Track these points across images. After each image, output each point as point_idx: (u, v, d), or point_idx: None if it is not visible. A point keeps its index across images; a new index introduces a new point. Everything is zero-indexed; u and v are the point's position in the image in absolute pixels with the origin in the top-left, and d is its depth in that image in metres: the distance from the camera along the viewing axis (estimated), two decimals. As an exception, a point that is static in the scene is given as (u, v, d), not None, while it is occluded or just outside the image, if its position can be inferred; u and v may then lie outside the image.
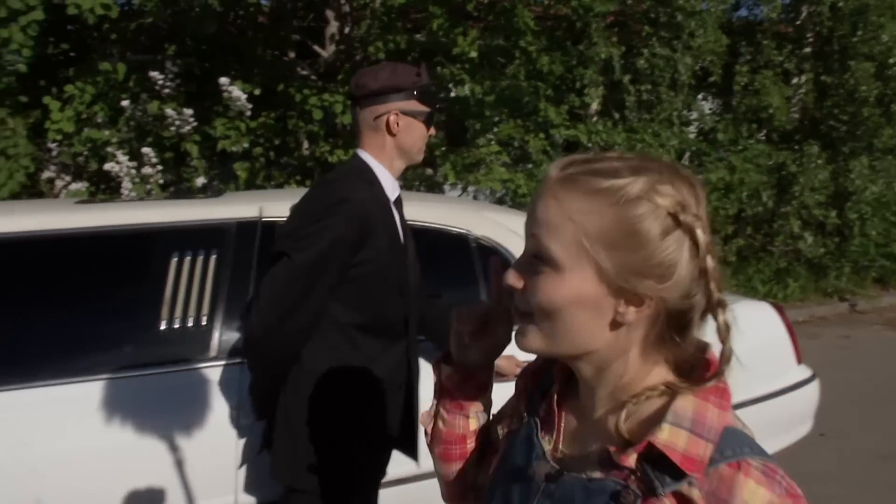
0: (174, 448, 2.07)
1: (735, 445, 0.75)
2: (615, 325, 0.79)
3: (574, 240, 0.77)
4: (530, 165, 6.26)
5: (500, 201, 6.02)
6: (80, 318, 2.30)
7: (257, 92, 4.97)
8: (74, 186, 4.86)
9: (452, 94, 5.52)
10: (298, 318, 1.68)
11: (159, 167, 4.38)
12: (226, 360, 2.22)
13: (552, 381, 0.94)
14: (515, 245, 2.48)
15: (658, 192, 0.75)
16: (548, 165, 1.05)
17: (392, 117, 1.78)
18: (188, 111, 4.43)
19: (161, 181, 4.48)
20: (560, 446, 0.89)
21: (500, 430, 1.03)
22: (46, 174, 4.90)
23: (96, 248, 2.38)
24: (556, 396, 0.91)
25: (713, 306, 0.77)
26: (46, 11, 4.56)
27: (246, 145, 4.76)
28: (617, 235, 0.76)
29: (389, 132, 1.80)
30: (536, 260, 0.80)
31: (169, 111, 4.43)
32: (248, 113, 4.52)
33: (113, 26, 5.08)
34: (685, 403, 0.78)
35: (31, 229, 2.31)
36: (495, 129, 5.98)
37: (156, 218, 2.42)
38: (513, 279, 0.83)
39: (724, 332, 0.77)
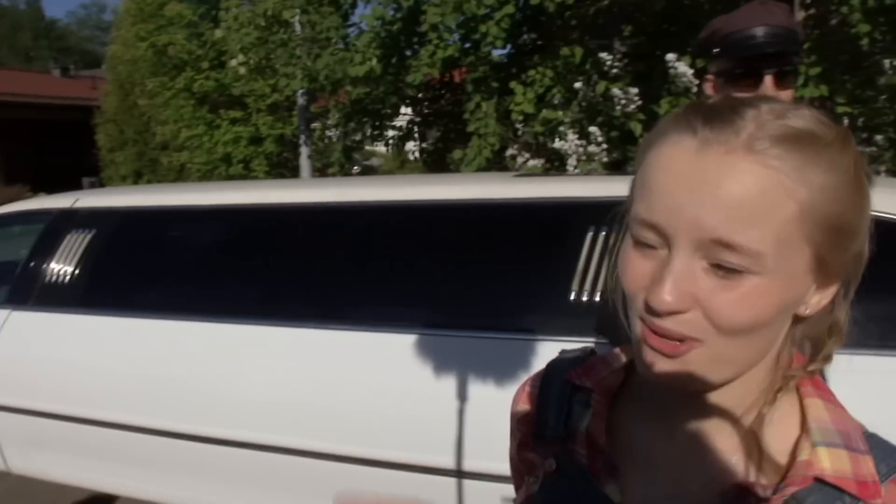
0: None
1: (885, 449, 0.62)
2: (793, 320, 0.62)
3: (790, 223, 0.55)
4: None
5: None
6: (502, 279, 2.46)
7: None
8: (532, 163, 5.29)
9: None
10: None
11: (604, 146, 4.49)
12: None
13: (565, 413, 0.73)
14: None
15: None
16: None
17: None
18: (633, 90, 4.43)
19: (605, 159, 4.59)
20: (632, 496, 0.67)
21: None
22: (510, 152, 5.45)
23: (525, 217, 2.53)
24: (603, 430, 0.69)
25: None
26: (516, 5, 5.05)
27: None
28: (838, 206, 0.56)
29: None
30: (717, 263, 0.55)
31: (615, 91, 4.50)
32: (694, 89, 4.30)
33: (574, 13, 5.36)
34: (817, 412, 0.63)
35: (474, 197, 2.58)
36: None
37: (577, 192, 2.48)
38: (680, 301, 0.56)
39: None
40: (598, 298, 2.17)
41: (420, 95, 5.90)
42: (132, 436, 2.67)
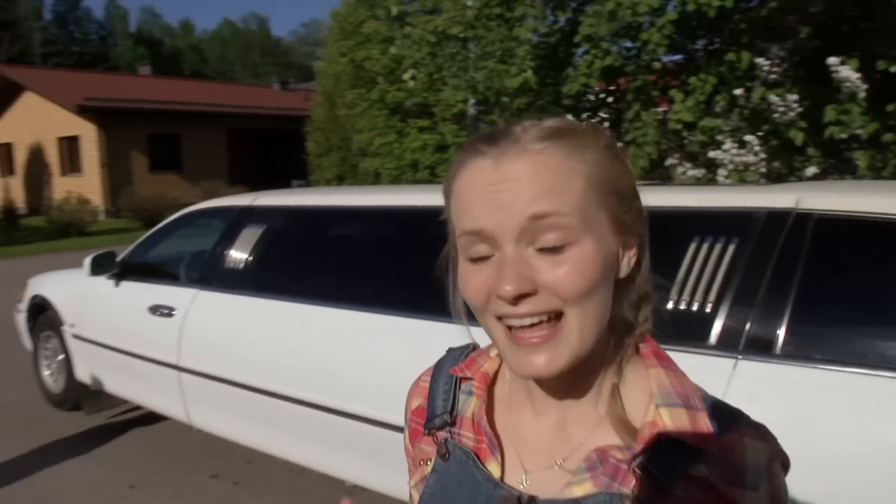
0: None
1: (720, 409, 0.73)
2: (616, 284, 0.73)
3: (584, 194, 0.68)
4: None
5: None
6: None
7: (894, 69, 4.34)
8: (692, 173, 5.18)
9: None
10: None
11: (762, 155, 4.31)
12: (721, 350, 2.17)
13: (451, 403, 0.83)
14: None
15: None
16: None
17: None
18: (792, 97, 4.21)
19: (763, 169, 4.40)
20: (512, 471, 0.76)
21: (414, 491, 0.85)
22: (670, 161, 5.36)
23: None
24: (484, 413, 0.79)
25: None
26: (680, 12, 4.95)
27: (859, 131, 4.22)
28: (612, 174, 0.71)
29: None
30: (541, 247, 0.67)
31: (773, 97, 4.31)
32: (862, 94, 4.01)
33: (743, 16, 5.17)
34: (658, 378, 0.74)
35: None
36: None
37: (684, 202, 2.50)
38: (521, 284, 0.65)
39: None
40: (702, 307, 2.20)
41: (580, 105, 5.95)
42: (277, 402, 3.08)
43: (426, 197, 3.12)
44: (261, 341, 3.24)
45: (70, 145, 21.89)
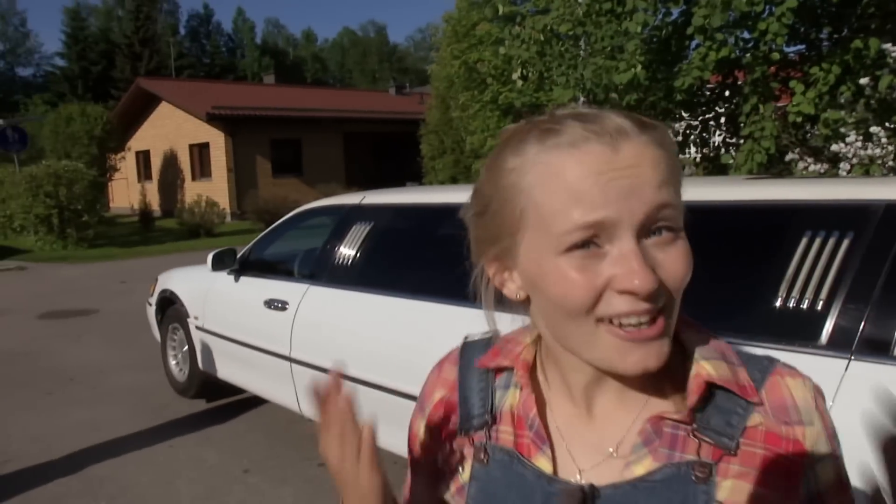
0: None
1: (754, 360, 0.73)
2: None
3: (680, 187, 0.66)
4: None
5: None
6: (711, 279, 2.46)
7: None
8: (813, 168, 4.89)
9: None
10: None
11: (889, 148, 4.02)
12: (833, 350, 2.05)
13: (490, 400, 0.78)
14: None
15: None
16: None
17: None
18: (924, 84, 3.90)
19: (891, 163, 4.10)
20: (564, 466, 0.72)
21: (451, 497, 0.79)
22: (790, 156, 5.09)
23: (744, 219, 2.50)
24: (533, 405, 0.74)
25: None
26: (801, -1, 4.69)
27: None
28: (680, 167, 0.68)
29: None
30: (658, 231, 0.63)
31: (902, 85, 4.00)
32: None
33: (872, 1, 4.83)
34: (693, 339, 0.72)
35: (705, 199, 2.63)
36: None
37: (795, 195, 2.39)
38: (653, 278, 0.61)
39: None
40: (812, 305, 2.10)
41: (696, 100, 5.75)
42: (381, 394, 3.16)
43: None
44: (367, 335, 3.33)
45: (201, 151, 23.28)
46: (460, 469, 0.77)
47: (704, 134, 6.51)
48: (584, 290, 0.62)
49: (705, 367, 0.70)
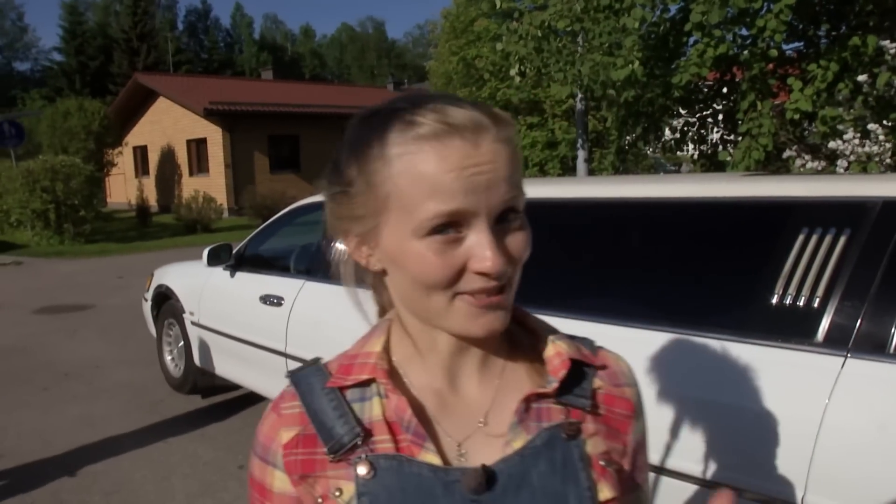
0: (740, 423, 2.04)
1: (579, 338, 0.86)
2: None
3: (521, 177, 0.74)
4: None
5: None
6: (706, 276, 2.45)
7: None
8: (811, 165, 4.89)
9: None
10: None
11: (887, 146, 4.01)
12: (829, 348, 2.04)
13: (352, 415, 0.76)
14: None
15: None
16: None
17: None
18: (922, 81, 3.88)
19: (889, 161, 4.09)
20: (450, 450, 0.76)
21: None
22: (787, 153, 5.08)
23: (740, 215, 2.49)
24: (407, 406, 0.76)
25: None
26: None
27: None
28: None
29: None
30: (507, 219, 0.71)
31: (900, 82, 3.99)
32: None
33: (871, -4, 4.81)
34: (537, 322, 0.85)
35: (694, 195, 2.62)
36: None
37: (792, 191, 2.38)
38: (504, 259, 0.69)
39: None
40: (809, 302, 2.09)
41: (694, 97, 5.73)
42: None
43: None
44: (362, 331, 3.32)
45: (198, 147, 23.23)
46: (335, 493, 0.74)
47: (702, 131, 6.50)
48: (443, 270, 0.69)
49: (561, 346, 0.81)
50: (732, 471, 2.02)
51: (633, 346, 2.26)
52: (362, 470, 0.73)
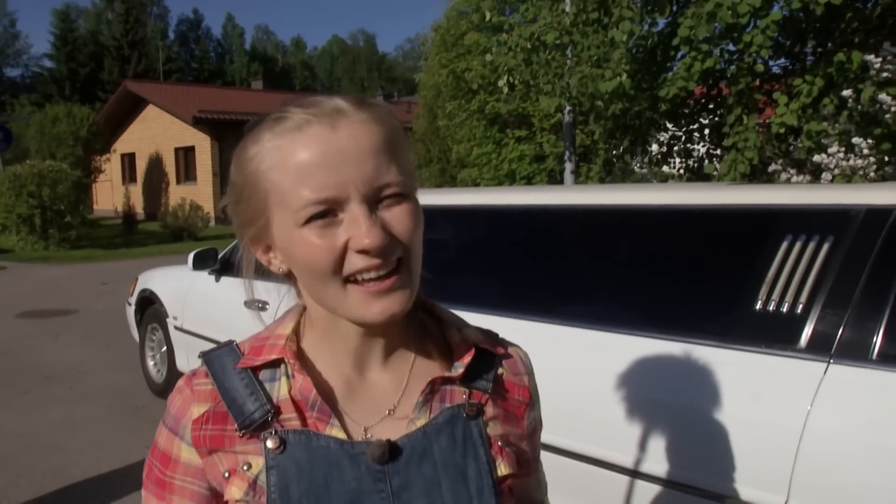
0: (717, 428, 2.04)
1: (483, 329, 0.91)
2: None
3: (404, 157, 0.75)
4: None
5: None
6: (691, 282, 2.46)
7: None
8: (795, 179, 4.93)
9: None
10: None
11: (871, 159, 4.05)
12: (812, 354, 2.05)
13: (262, 393, 0.78)
14: None
15: None
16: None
17: None
18: (902, 96, 3.94)
19: (872, 174, 4.13)
20: (353, 431, 0.78)
21: (242, 491, 0.76)
22: (773, 167, 5.12)
23: (725, 223, 2.51)
24: (312, 387, 0.78)
25: None
26: (787, 11, 4.73)
27: None
28: (406, 144, 0.78)
29: None
30: (386, 198, 0.72)
31: (883, 97, 4.04)
32: None
33: (856, 14, 4.88)
34: (443, 312, 0.89)
35: (679, 202, 2.63)
36: None
37: (776, 199, 2.40)
38: (382, 235, 0.70)
39: None
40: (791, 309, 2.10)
41: (681, 111, 5.78)
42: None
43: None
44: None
45: (186, 155, 23.16)
46: (244, 468, 0.76)
47: (688, 145, 6.55)
48: (327, 253, 0.70)
49: (468, 334, 0.86)
50: (715, 476, 2.02)
51: (617, 351, 2.30)
52: (271, 444, 0.75)
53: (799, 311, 2.12)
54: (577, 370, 2.41)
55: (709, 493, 2.03)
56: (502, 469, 0.81)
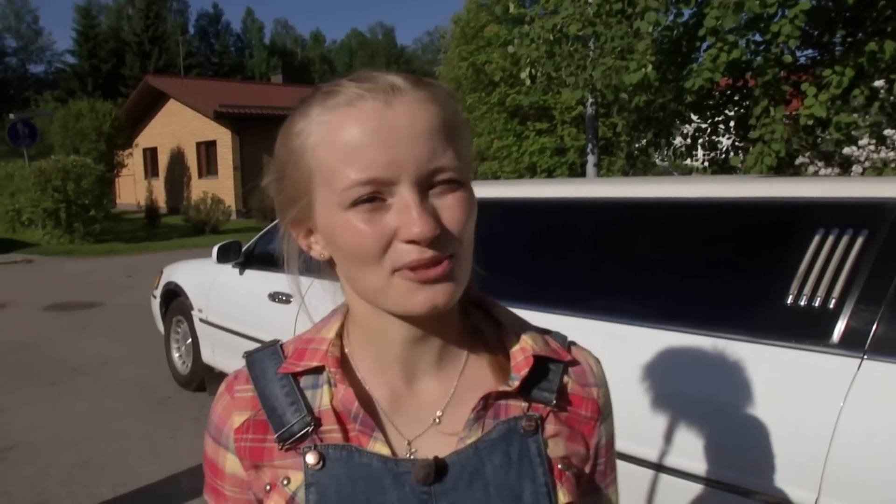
0: (752, 423, 2.02)
1: (549, 331, 0.83)
2: None
3: (464, 142, 0.70)
4: None
5: None
6: (722, 276, 2.43)
7: None
8: (823, 172, 4.86)
9: None
10: None
11: (902, 150, 3.98)
12: (845, 350, 2.02)
13: (304, 403, 0.74)
14: None
15: None
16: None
17: None
18: (939, 86, 3.85)
19: (905, 166, 4.06)
20: (397, 446, 0.73)
21: None
22: (800, 159, 5.05)
23: (756, 216, 2.47)
24: (353, 398, 0.73)
25: None
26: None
27: None
28: (468, 131, 0.73)
29: None
30: (439, 183, 0.66)
31: (917, 88, 3.96)
32: None
33: (889, 2, 4.77)
34: (501, 313, 0.81)
35: (710, 195, 2.60)
36: None
37: (808, 192, 2.36)
38: (434, 225, 0.64)
39: None
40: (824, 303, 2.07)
41: (706, 103, 5.70)
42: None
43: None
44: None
45: (208, 149, 23.31)
46: (283, 482, 0.72)
47: (713, 137, 6.47)
48: (373, 240, 0.65)
49: (527, 341, 0.78)
50: (746, 473, 1.99)
51: (645, 346, 2.28)
52: (311, 459, 0.71)
53: (832, 306, 2.09)
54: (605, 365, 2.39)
55: (738, 489, 2.01)
56: (562, 496, 0.73)
